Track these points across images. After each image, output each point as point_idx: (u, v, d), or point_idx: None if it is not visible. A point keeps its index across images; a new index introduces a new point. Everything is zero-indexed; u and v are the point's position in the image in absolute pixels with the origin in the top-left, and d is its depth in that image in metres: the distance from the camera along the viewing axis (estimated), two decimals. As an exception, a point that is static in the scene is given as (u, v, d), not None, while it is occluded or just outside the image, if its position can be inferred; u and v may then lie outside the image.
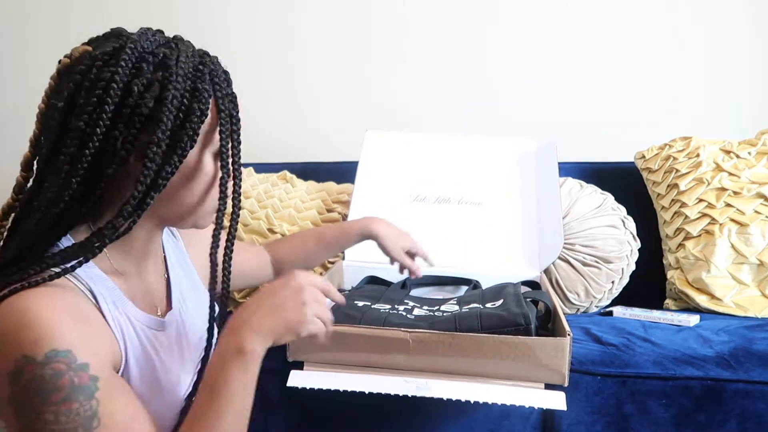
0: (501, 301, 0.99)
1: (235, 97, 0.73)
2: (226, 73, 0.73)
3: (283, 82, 1.77)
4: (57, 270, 0.64)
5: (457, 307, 1.02)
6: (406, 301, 1.09)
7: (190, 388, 0.77)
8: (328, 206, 1.43)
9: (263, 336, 0.67)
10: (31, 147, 0.68)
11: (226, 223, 0.75)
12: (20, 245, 0.66)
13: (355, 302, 1.02)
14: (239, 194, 0.74)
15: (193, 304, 0.86)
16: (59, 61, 0.67)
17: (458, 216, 1.34)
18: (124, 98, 0.64)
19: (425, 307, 1.04)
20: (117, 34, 0.69)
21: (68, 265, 0.65)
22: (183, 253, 0.91)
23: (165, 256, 0.86)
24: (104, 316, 0.67)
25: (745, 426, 0.94)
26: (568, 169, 1.54)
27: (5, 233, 0.69)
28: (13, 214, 0.68)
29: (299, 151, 1.78)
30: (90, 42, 0.69)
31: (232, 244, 0.75)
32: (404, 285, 1.21)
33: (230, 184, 0.73)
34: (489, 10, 1.77)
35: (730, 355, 0.99)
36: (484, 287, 1.08)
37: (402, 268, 1.13)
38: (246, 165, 1.56)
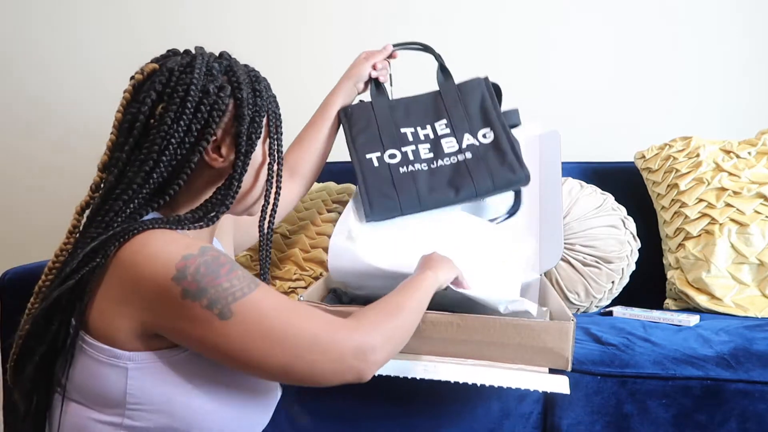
0: (491, 132, 1.16)
1: (276, 98, 0.88)
2: (265, 78, 0.88)
3: (283, 82, 1.77)
4: (162, 225, 0.75)
5: (456, 145, 1.15)
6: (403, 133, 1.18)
7: None
8: (328, 206, 1.43)
9: (444, 277, 0.90)
10: (108, 151, 0.78)
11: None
12: (108, 225, 0.75)
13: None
14: (281, 177, 0.89)
15: None
16: (132, 77, 0.79)
17: (457, 212, 1.33)
18: (202, 98, 0.77)
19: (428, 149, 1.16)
20: (177, 52, 0.84)
21: (184, 222, 0.77)
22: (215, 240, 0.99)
23: None
24: None
25: (745, 426, 0.94)
26: (569, 169, 1.54)
27: (81, 227, 0.78)
28: (87, 210, 0.78)
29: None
30: (155, 60, 0.82)
31: (273, 219, 0.91)
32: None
33: (275, 167, 0.87)
34: (489, 10, 1.77)
35: (730, 355, 0.99)
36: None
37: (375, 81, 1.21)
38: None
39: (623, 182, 1.52)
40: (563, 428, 0.97)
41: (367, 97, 1.23)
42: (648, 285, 1.42)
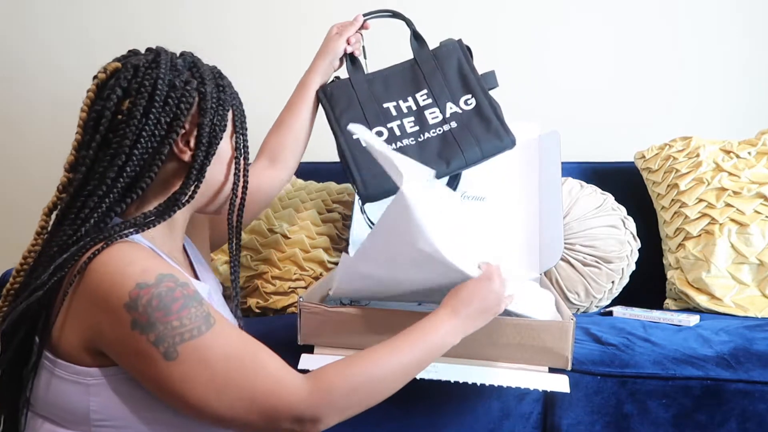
0: (472, 98, 1.14)
1: (239, 95, 0.88)
2: (227, 78, 0.87)
3: (283, 83, 1.76)
4: (130, 230, 0.75)
5: (440, 115, 1.13)
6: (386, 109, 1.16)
7: None
8: (328, 206, 1.43)
9: (467, 332, 0.82)
10: (74, 150, 0.78)
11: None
12: (82, 223, 0.74)
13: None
14: (247, 171, 0.88)
15: (210, 280, 0.96)
16: (95, 77, 0.79)
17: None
18: (169, 92, 0.77)
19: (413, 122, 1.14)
20: (138, 51, 0.84)
21: (149, 220, 0.77)
22: (188, 240, 0.97)
23: None
24: None
25: (745, 426, 0.94)
26: (569, 169, 1.54)
27: (49, 228, 0.78)
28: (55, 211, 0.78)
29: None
30: (118, 59, 0.82)
31: (242, 211, 0.89)
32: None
33: (242, 161, 0.87)
34: (488, 10, 1.77)
35: (730, 355, 0.99)
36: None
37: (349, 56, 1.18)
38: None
39: (623, 182, 1.52)
40: (563, 428, 0.97)
41: (342, 72, 1.20)
42: (648, 285, 1.42)
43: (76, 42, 1.89)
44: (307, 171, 1.59)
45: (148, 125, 0.75)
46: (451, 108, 1.14)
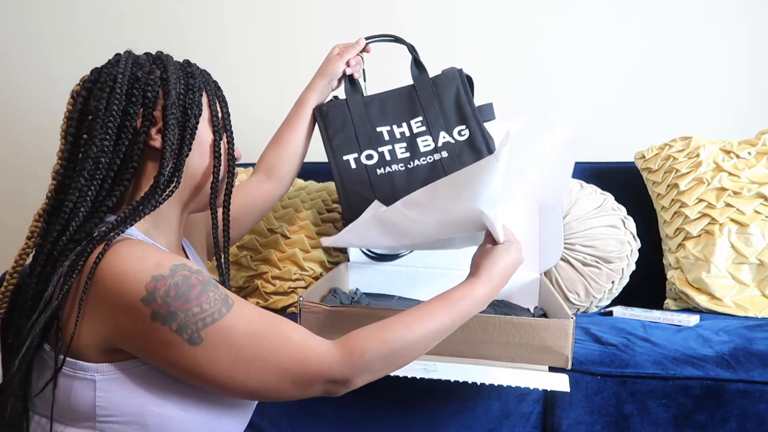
0: (466, 129, 1.14)
1: (218, 83, 0.87)
2: (204, 70, 0.87)
3: (283, 83, 1.77)
4: (122, 226, 0.74)
5: (432, 144, 1.13)
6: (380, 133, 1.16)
7: None
8: (328, 206, 1.43)
9: (492, 298, 0.84)
10: (59, 159, 0.78)
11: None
12: (70, 218, 0.74)
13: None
14: (233, 158, 0.87)
15: None
16: (72, 90, 0.80)
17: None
18: (131, 84, 0.78)
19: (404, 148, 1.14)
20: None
21: (138, 210, 0.76)
22: (185, 242, 0.97)
23: None
24: None
25: (745, 426, 0.94)
26: (568, 169, 1.54)
27: (37, 232, 0.77)
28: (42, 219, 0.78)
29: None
30: (92, 72, 0.82)
31: (230, 199, 0.89)
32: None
33: (223, 145, 0.86)
34: (488, 10, 1.77)
35: (730, 355, 0.99)
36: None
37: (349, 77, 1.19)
38: (247, 165, 1.56)
39: (623, 182, 1.52)
40: (563, 428, 0.97)
41: (340, 93, 1.21)
42: (648, 285, 1.42)
43: (69, 48, 1.89)
44: (307, 171, 1.59)
45: (113, 117, 0.76)
46: (444, 137, 1.14)
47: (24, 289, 0.75)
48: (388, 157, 1.13)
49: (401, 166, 1.13)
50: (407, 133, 1.15)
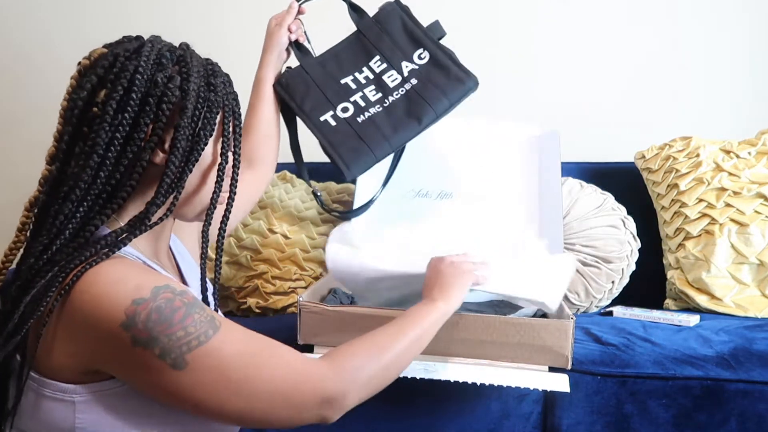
0: (424, 51, 1.16)
1: (237, 96, 0.80)
2: (227, 75, 0.80)
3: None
4: (112, 247, 0.69)
5: (398, 77, 1.16)
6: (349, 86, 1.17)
7: None
8: (328, 206, 1.43)
9: (450, 307, 0.85)
10: (55, 141, 0.72)
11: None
12: (58, 233, 0.69)
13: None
14: (235, 183, 0.81)
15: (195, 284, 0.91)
16: (79, 63, 0.73)
17: (460, 214, 1.32)
18: (150, 89, 0.71)
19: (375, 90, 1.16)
20: (131, 38, 0.77)
21: (121, 238, 0.70)
22: (176, 241, 0.94)
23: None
24: None
25: (745, 426, 0.95)
26: (569, 169, 1.53)
27: (32, 224, 0.73)
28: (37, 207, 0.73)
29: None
30: (106, 46, 0.75)
31: (226, 223, 0.82)
32: None
33: (228, 169, 0.79)
34: (487, 10, 1.77)
35: (730, 355, 0.99)
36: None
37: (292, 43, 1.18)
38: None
39: (623, 182, 1.52)
40: (563, 428, 0.97)
41: (292, 62, 1.20)
42: (648, 285, 1.42)
43: (74, 32, 1.89)
44: (308, 171, 1.59)
45: (123, 125, 0.69)
46: (407, 66, 1.16)
47: (4, 297, 0.71)
48: (362, 104, 1.15)
49: (378, 108, 1.14)
50: (371, 76, 1.17)
